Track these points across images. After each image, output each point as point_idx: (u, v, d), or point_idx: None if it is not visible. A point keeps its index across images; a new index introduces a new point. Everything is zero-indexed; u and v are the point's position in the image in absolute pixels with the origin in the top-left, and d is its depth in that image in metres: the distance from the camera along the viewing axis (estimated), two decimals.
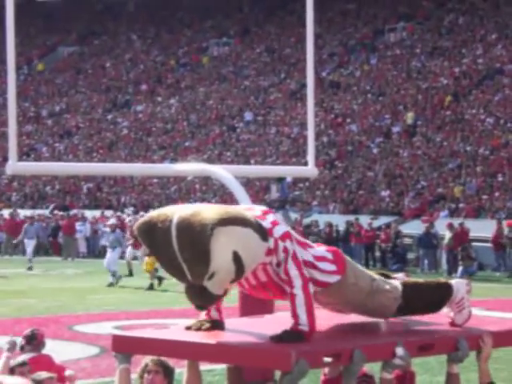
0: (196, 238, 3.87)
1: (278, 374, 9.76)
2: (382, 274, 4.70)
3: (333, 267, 4.23)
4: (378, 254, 28.33)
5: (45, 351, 6.92)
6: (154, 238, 4.01)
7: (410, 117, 36.77)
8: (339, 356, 3.93)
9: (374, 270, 4.80)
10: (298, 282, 4.03)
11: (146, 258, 20.74)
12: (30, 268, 26.08)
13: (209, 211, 3.94)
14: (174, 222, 3.94)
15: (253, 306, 8.83)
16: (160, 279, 20.30)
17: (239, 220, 3.92)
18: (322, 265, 4.20)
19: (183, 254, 3.90)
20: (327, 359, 3.92)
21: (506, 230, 26.14)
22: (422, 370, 10.84)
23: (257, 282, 4.19)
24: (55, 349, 10.04)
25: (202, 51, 52.20)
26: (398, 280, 4.55)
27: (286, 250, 4.07)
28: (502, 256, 25.71)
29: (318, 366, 4.04)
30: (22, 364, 5.99)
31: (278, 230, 4.09)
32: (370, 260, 27.91)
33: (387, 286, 4.40)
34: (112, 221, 26.08)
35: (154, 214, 4.10)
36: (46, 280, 23.29)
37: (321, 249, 4.31)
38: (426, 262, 26.55)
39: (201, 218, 3.90)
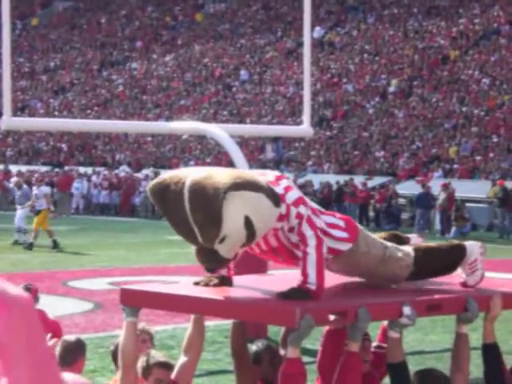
0: (208, 201, 3.87)
1: (271, 331, 9.81)
2: (395, 236, 4.72)
3: (345, 234, 4.24)
4: (371, 213, 28.42)
5: (39, 306, 6.95)
6: (166, 199, 4.01)
7: (393, 84, 36.62)
8: (345, 314, 3.96)
9: (375, 231, 4.79)
10: (312, 242, 4.05)
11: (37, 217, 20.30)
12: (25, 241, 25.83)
13: (222, 175, 3.94)
14: (187, 185, 3.94)
15: (246, 264, 8.89)
16: (55, 243, 20.02)
17: (252, 185, 3.92)
18: (334, 232, 4.21)
19: (195, 217, 3.92)
20: (332, 317, 3.95)
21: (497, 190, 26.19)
22: (414, 329, 10.94)
23: (267, 247, 4.21)
24: (49, 304, 10.10)
25: (198, 8, 51.76)
26: (410, 246, 4.55)
27: (299, 216, 4.07)
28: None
29: (324, 324, 4.07)
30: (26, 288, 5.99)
31: (291, 196, 4.10)
32: (363, 220, 28.01)
33: (400, 254, 4.39)
34: (15, 178, 25.43)
35: (166, 175, 4.10)
36: (40, 236, 23.35)
37: (333, 216, 4.33)
38: (421, 222, 26.67)
39: (213, 182, 3.90)
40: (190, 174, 4.02)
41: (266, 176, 4.16)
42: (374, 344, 4.51)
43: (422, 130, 32.95)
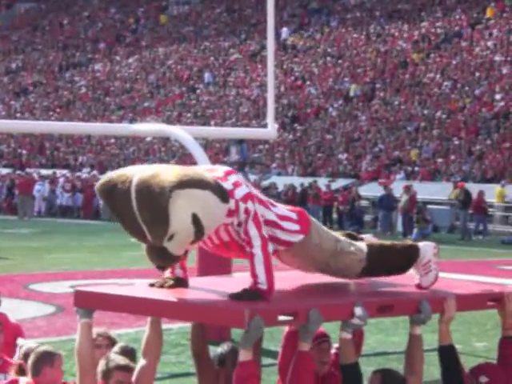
0: (155, 200, 3.88)
1: (235, 333, 9.83)
2: (350, 235, 4.72)
3: (296, 227, 4.25)
4: (335, 215, 28.57)
5: (1, 309, 6.89)
6: (113, 198, 4.02)
7: (352, 89, 36.87)
8: (296, 315, 3.98)
9: (339, 231, 4.79)
10: (256, 242, 4.06)
11: None
12: None
13: (168, 173, 3.94)
14: (134, 184, 3.95)
15: (211, 265, 8.90)
16: None
17: (198, 182, 3.92)
18: (285, 224, 4.22)
19: (142, 216, 3.93)
20: (283, 318, 3.96)
21: (456, 193, 26.44)
22: (377, 330, 11.02)
23: (219, 242, 4.22)
24: (11, 307, 10.00)
25: (162, 10, 51.64)
26: (364, 242, 4.57)
27: (247, 211, 4.08)
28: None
29: (274, 324, 4.09)
30: None
31: (240, 192, 4.10)
32: (327, 222, 28.14)
33: (352, 248, 4.42)
34: None
35: (113, 174, 4.10)
36: (1, 239, 23.10)
37: (285, 208, 4.33)
38: (383, 223, 26.87)
39: (159, 180, 3.90)
40: (136, 173, 4.01)
41: (215, 172, 4.17)
42: (336, 345, 4.55)
43: (384, 133, 33.20)
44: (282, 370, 4.41)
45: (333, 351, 4.55)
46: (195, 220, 3.92)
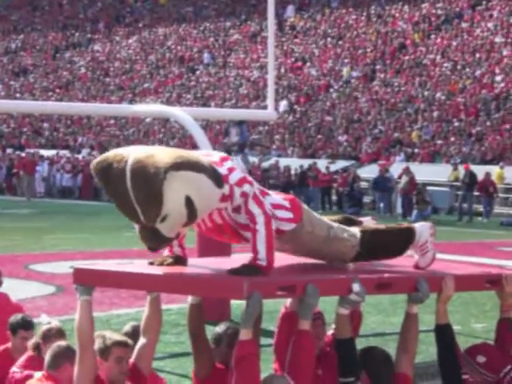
0: (149, 180, 3.89)
1: (234, 314, 9.87)
2: (348, 219, 4.74)
3: (289, 215, 4.26)
4: (334, 197, 28.59)
5: (1, 290, 6.93)
6: (108, 177, 4.03)
7: (346, 72, 36.77)
8: (293, 289, 4.01)
9: (334, 214, 4.83)
10: (260, 219, 4.08)
11: None
12: None
13: (163, 154, 3.95)
14: (129, 163, 3.95)
15: (210, 247, 8.92)
16: None
17: (193, 165, 3.93)
18: (278, 212, 4.23)
19: (136, 196, 3.94)
20: (280, 292, 4.00)
21: (461, 174, 26.47)
22: (376, 311, 11.07)
23: (213, 225, 4.24)
24: (11, 287, 10.04)
25: None
26: (359, 227, 4.58)
27: (244, 194, 4.09)
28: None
29: (272, 297, 4.11)
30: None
31: (234, 176, 4.11)
32: (326, 203, 28.17)
33: (345, 234, 4.43)
34: None
35: (110, 153, 4.11)
36: (1, 219, 23.13)
37: (278, 197, 4.34)
38: (381, 205, 26.91)
39: (154, 161, 3.91)
40: (132, 153, 4.02)
41: (210, 157, 4.17)
42: (333, 326, 4.58)
43: (384, 115, 33.16)
44: (278, 350, 4.44)
45: (330, 332, 4.58)
46: (188, 202, 3.94)
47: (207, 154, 4.22)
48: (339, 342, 4.25)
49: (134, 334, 4.66)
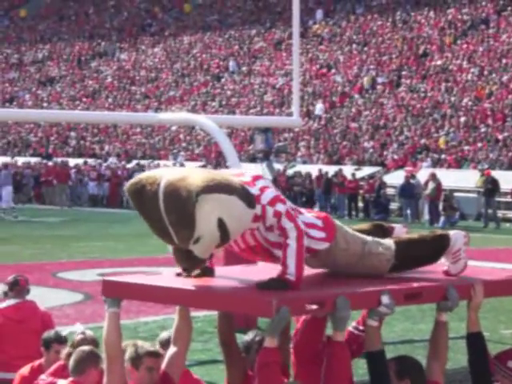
0: (181, 203, 3.92)
1: (261, 321, 9.86)
2: (379, 226, 4.72)
3: (322, 234, 4.26)
4: (360, 204, 28.49)
5: (29, 297, 6.97)
6: (142, 200, 4.07)
7: (366, 81, 36.66)
8: (322, 304, 3.98)
9: (362, 221, 4.78)
10: (292, 233, 4.08)
11: None
12: (15, 216, 25.97)
13: (196, 177, 3.97)
14: (162, 186, 3.99)
15: (236, 256, 8.91)
16: None
17: (224, 187, 3.94)
18: (311, 232, 4.23)
19: (169, 218, 3.97)
20: (311, 306, 3.97)
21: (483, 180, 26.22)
22: (403, 318, 11.01)
23: (245, 246, 4.25)
24: (40, 295, 10.12)
25: None
26: (391, 238, 4.55)
27: (277, 213, 4.09)
28: None
29: (301, 314, 4.09)
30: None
31: (267, 196, 4.10)
32: (352, 210, 28.08)
33: (380, 249, 4.37)
34: None
35: (143, 175, 4.15)
36: (29, 227, 23.31)
37: (311, 215, 4.33)
38: (408, 212, 26.78)
39: (186, 184, 3.93)
40: (165, 175, 4.05)
41: (242, 176, 4.17)
42: (353, 324, 4.56)
43: (410, 121, 33.03)
44: (296, 350, 4.42)
45: (349, 329, 4.54)
46: (221, 225, 3.96)
47: (239, 174, 4.22)
48: (370, 355, 4.23)
49: (14, 284, 4.64)
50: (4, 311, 6.81)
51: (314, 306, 3.98)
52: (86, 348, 5.01)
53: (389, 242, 4.49)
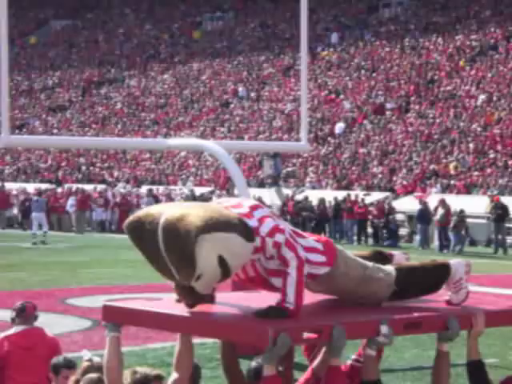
0: (181, 244, 3.94)
1: None
2: (378, 253, 4.70)
3: (322, 258, 4.25)
4: (370, 230, 28.42)
5: (37, 324, 6.95)
6: (141, 238, 4.10)
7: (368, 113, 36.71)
8: (320, 332, 3.96)
9: (366, 248, 4.76)
10: (293, 263, 4.08)
11: None
12: (34, 243, 25.99)
13: (195, 216, 3.97)
14: (161, 225, 4.00)
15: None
16: None
17: (223, 225, 3.95)
18: (311, 256, 4.22)
19: (170, 257, 4.00)
20: (307, 335, 3.95)
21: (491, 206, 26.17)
22: (413, 345, 10.94)
23: (245, 277, 4.27)
24: (48, 322, 10.09)
25: (196, 26, 51.97)
26: (393, 265, 4.53)
27: (276, 244, 4.10)
28: None
29: (299, 342, 4.08)
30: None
31: (265, 227, 4.09)
32: (362, 236, 28.02)
33: (380, 274, 4.37)
34: None
35: (141, 213, 4.16)
36: (38, 253, 23.30)
37: (311, 239, 4.32)
38: (417, 237, 26.66)
39: (185, 224, 3.93)
40: (163, 213, 4.05)
41: (240, 208, 4.16)
42: (353, 357, 4.52)
43: (419, 146, 33.03)
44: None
45: (348, 362, 4.52)
46: (221, 262, 3.98)
47: (237, 205, 4.19)
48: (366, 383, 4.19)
49: (22, 310, 4.59)
50: (12, 338, 6.79)
51: (311, 335, 3.96)
52: (93, 376, 4.99)
53: (389, 268, 4.47)
